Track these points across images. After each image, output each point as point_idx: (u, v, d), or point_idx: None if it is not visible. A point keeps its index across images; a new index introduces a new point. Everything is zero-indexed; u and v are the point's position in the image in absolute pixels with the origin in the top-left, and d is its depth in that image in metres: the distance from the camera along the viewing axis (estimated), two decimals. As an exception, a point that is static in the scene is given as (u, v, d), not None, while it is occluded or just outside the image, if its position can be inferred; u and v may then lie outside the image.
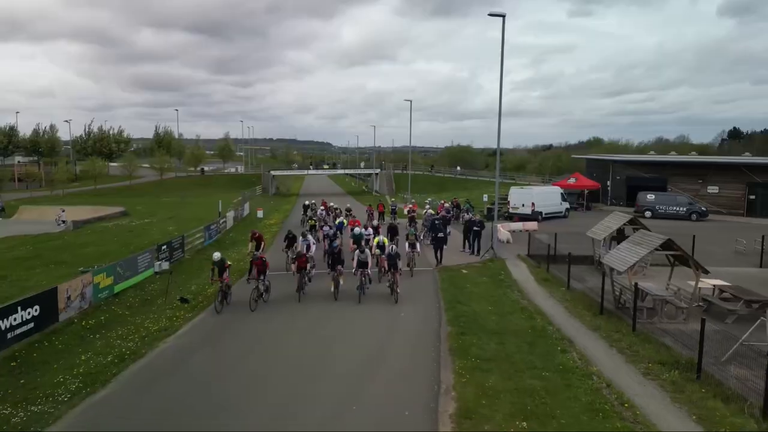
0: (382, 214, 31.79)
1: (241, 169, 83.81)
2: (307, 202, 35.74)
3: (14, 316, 11.34)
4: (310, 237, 19.27)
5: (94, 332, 12.68)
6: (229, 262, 15.03)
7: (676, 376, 10.05)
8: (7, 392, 9.38)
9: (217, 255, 14.74)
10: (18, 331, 11.45)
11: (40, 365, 10.66)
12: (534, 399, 8.82)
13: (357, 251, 16.40)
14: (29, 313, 11.80)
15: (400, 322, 13.45)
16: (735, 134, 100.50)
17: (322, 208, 31.28)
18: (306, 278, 16.00)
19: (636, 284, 13.68)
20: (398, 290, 15.42)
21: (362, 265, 15.83)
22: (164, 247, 19.32)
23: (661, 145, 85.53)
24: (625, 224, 19.91)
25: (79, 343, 12.02)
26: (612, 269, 15.28)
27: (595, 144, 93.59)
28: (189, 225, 29.24)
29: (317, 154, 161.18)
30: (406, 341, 11.99)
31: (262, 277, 14.78)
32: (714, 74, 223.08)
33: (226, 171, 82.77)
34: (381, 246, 18.28)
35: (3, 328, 10.98)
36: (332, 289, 15.56)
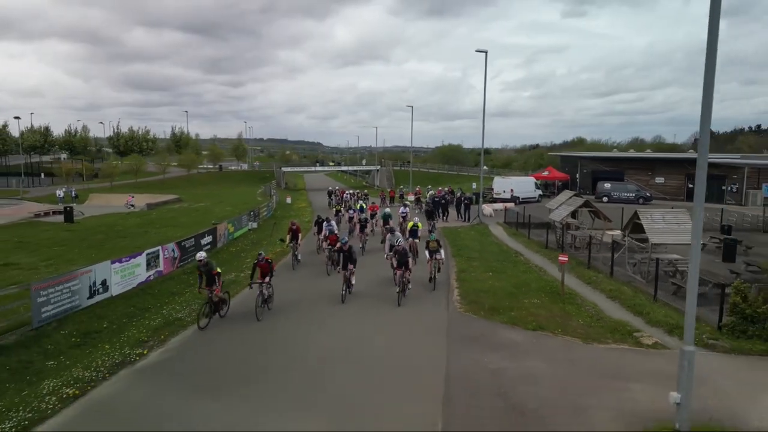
0: (392, 199, 40.49)
1: (244, 166, 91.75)
2: (330, 188, 44.30)
3: (204, 238, 19.90)
4: (333, 222, 20.16)
5: (240, 253, 21.23)
6: (218, 269, 12.52)
7: (575, 265, 18.79)
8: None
9: (201, 255, 12.34)
10: (206, 248, 19.98)
11: (225, 263, 19.15)
12: (495, 268, 17.59)
13: (388, 234, 16.23)
14: (209, 239, 20.34)
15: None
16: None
17: (349, 192, 39.81)
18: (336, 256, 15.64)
19: (564, 227, 22.48)
20: (407, 290, 13.97)
21: (393, 249, 14.53)
22: (251, 212, 27.88)
23: (637, 144, 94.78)
24: (570, 197, 28.72)
25: (235, 257, 20.55)
26: (554, 221, 24.10)
27: (578, 143, 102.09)
28: (240, 207, 37.60)
29: (310, 153, 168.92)
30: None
31: (267, 281, 12.92)
32: (703, 75, 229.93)
33: (230, 168, 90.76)
34: (414, 231, 18.18)
35: (202, 243, 19.56)
36: (341, 291, 13.80)
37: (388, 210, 23.14)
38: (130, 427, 7.32)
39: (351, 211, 24.90)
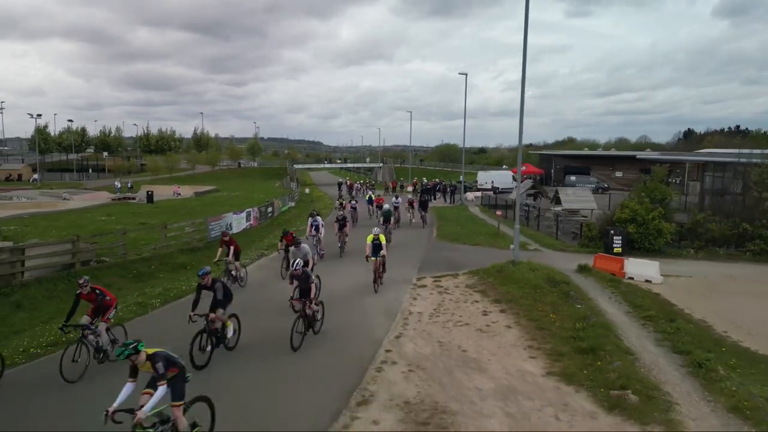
0: (394, 189, 50.00)
1: (254, 164, 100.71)
2: (340, 180, 53.54)
3: (269, 208, 29.35)
4: (319, 218, 18.86)
5: (291, 219, 30.60)
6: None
7: (522, 228, 28.18)
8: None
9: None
10: (268, 215, 29.42)
11: (283, 225, 28.50)
12: (463, 225, 27.14)
13: (292, 248, 14.31)
14: (270, 209, 29.77)
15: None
16: (688, 134, 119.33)
17: (359, 182, 49.16)
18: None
19: (515, 202, 31.94)
20: (317, 325, 10.71)
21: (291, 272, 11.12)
22: (290, 195, 37.38)
23: (620, 144, 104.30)
24: (532, 184, 38.20)
25: (286, 222, 29.89)
26: (513, 200, 33.58)
27: (568, 142, 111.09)
28: (269, 195, 46.79)
29: (311, 152, 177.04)
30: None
31: (94, 325, 8.78)
32: (705, 74, 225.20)
33: (243, 165, 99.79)
34: (376, 246, 14.50)
35: (268, 211, 28.99)
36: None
37: (387, 206, 23.22)
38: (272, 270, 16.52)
39: (354, 202, 28.54)
